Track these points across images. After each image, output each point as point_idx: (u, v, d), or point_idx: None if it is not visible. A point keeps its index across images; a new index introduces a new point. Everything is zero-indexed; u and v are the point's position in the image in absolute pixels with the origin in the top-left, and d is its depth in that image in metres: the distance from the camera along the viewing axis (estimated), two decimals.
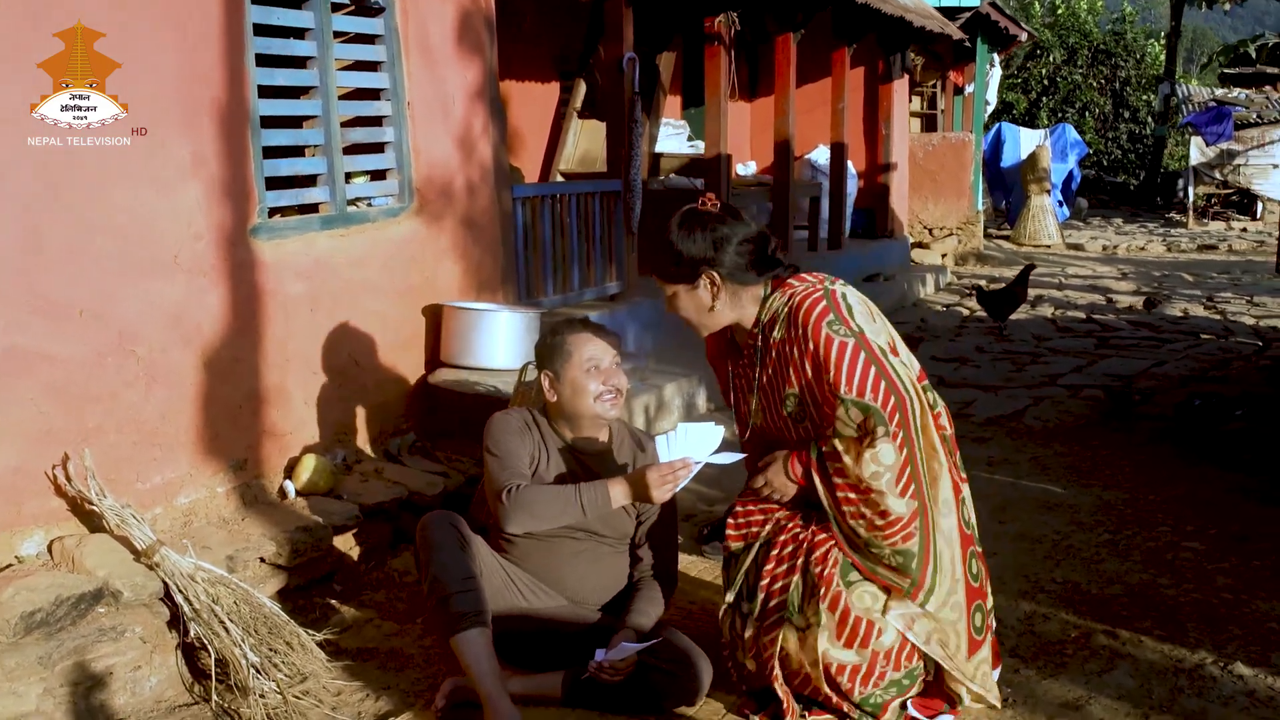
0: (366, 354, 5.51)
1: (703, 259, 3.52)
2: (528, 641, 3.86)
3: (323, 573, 4.69)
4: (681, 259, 3.54)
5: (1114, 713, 3.68)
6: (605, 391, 3.85)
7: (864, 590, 3.45)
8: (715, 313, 3.61)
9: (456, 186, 6.05)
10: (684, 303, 3.62)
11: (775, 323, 3.54)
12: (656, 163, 10.72)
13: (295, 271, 5.09)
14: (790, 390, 3.51)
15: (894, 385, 3.35)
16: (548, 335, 3.97)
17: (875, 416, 3.33)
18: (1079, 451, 6.72)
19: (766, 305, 3.59)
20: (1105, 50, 31.46)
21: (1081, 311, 12.23)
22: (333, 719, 3.73)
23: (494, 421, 3.94)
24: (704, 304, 3.59)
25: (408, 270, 5.75)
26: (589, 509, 3.66)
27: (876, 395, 3.32)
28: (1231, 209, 22.68)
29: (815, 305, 3.43)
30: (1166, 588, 4.67)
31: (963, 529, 3.55)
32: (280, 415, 5.06)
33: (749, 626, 3.63)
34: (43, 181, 4.10)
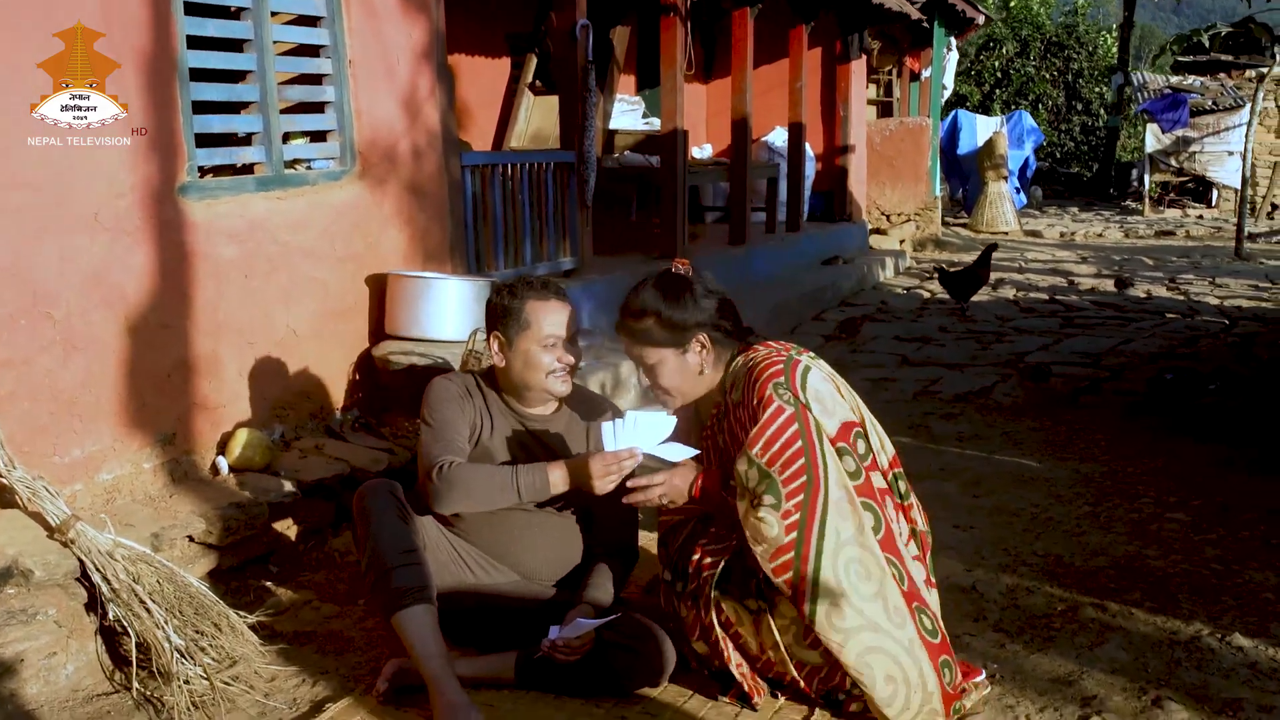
0: (306, 324, 5.19)
1: (695, 323, 3.33)
2: (477, 620, 3.57)
3: (258, 553, 4.38)
4: (673, 323, 3.32)
5: (1109, 687, 3.44)
6: (560, 369, 3.57)
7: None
8: (702, 378, 3.39)
9: (401, 151, 5.74)
10: (670, 369, 3.36)
11: (735, 387, 3.32)
12: (611, 140, 10.43)
13: (228, 234, 4.77)
14: (739, 465, 3.20)
15: (814, 468, 3.08)
16: (504, 294, 3.62)
17: (770, 489, 3.07)
18: (1051, 426, 6.52)
19: (730, 369, 3.38)
20: (1058, 43, 31.45)
21: (1044, 293, 12.05)
22: (265, 706, 3.42)
23: (433, 387, 3.64)
24: (693, 370, 3.37)
25: (350, 237, 5.43)
26: (526, 493, 3.38)
27: (784, 470, 3.07)
28: (1187, 197, 22.63)
29: (770, 367, 3.22)
30: (1153, 559, 4.45)
31: (925, 639, 3.14)
32: (212, 387, 4.74)
33: (683, 606, 3.38)
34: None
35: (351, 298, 5.46)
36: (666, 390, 3.40)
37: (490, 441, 3.62)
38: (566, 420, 3.74)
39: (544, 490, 3.38)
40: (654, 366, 3.37)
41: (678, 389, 3.39)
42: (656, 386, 3.41)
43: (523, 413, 3.67)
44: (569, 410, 3.75)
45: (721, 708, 3.34)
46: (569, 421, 3.74)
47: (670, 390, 3.39)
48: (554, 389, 3.59)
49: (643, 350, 3.37)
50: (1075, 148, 31.58)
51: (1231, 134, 20.70)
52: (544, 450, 3.66)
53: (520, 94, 10.11)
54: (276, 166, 5.09)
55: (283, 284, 5.05)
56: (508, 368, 3.60)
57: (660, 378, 3.38)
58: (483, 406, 3.66)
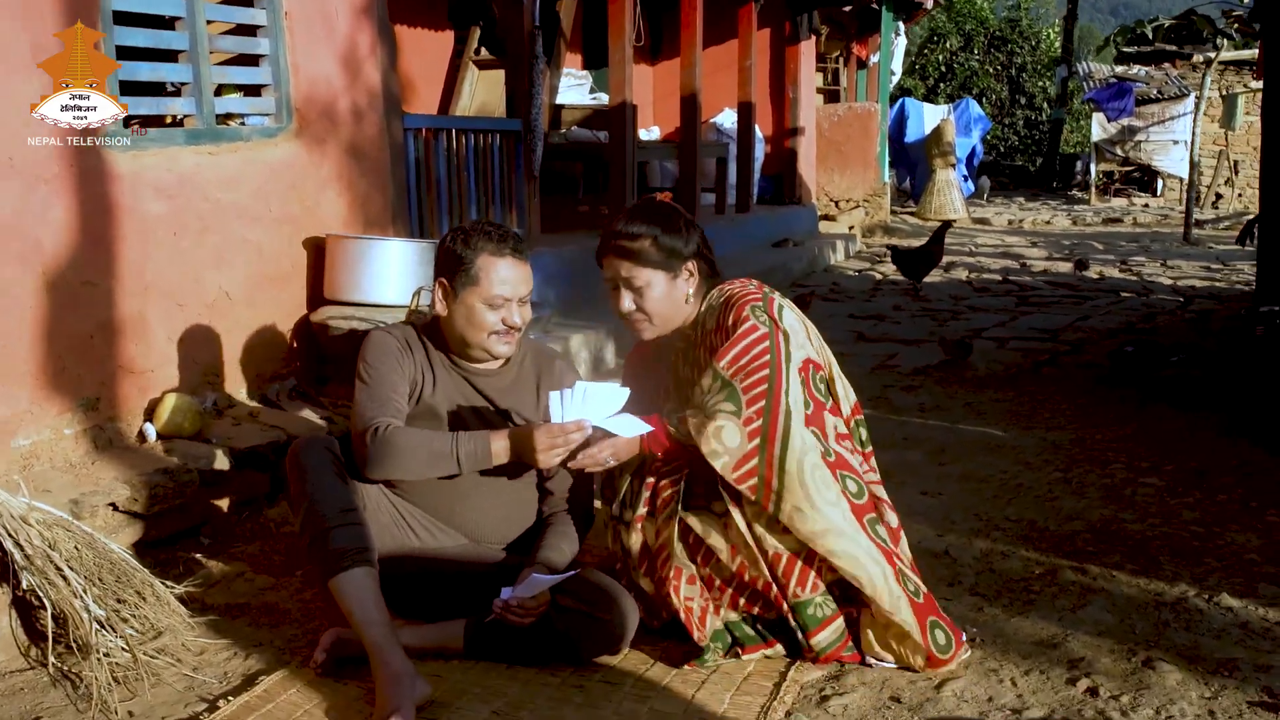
0: (240, 287, 4.92)
1: (688, 251, 3.32)
2: (421, 588, 3.32)
3: (188, 524, 4.12)
4: (668, 248, 3.29)
5: (1095, 649, 3.25)
6: (503, 330, 3.32)
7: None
8: (683, 308, 3.36)
9: (341, 109, 5.48)
10: (658, 292, 3.30)
11: (710, 317, 3.30)
12: (557, 115, 10.16)
13: (156, 188, 4.48)
14: (702, 380, 3.17)
15: (776, 380, 3.05)
16: (457, 240, 3.34)
17: (731, 396, 3.06)
18: (1014, 397, 6.37)
19: (705, 303, 3.36)
20: (1001, 37, 31.64)
21: (997, 275, 11.95)
22: (193, 680, 3.16)
23: (369, 340, 3.39)
24: (680, 297, 3.34)
25: (286, 197, 5.16)
26: (465, 463, 3.16)
27: (747, 379, 3.06)
28: (1133, 186, 22.69)
29: (748, 295, 3.22)
30: (1130, 523, 4.28)
31: (907, 594, 3.09)
32: (139, 350, 4.46)
33: (633, 532, 3.23)
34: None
35: (288, 261, 5.19)
36: (648, 315, 3.33)
37: (433, 398, 3.37)
38: (515, 376, 3.49)
39: (485, 460, 3.16)
40: (643, 289, 3.29)
41: (660, 314, 3.33)
42: (639, 311, 3.33)
43: (467, 368, 3.42)
44: (519, 365, 3.51)
45: (686, 675, 3.12)
46: (518, 377, 3.49)
47: (653, 315, 3.32)
48: (494, 349, 3.34)
49: (634, 271, 3.29)
50: (1019, 141, 31.77)
51: (1176, 123, 20.79)
52: (491, 408, 3.42)
53: (464, 67, 9.83)
54: (208, 120, 4.82)
55: (215, 244, 4.78)
56: (450, 319, 3.35)
57: (646, 300, 3.30)
58: (424, 361, 3.41)
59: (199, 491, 4.14)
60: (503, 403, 3.43)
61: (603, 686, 3.06)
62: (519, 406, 3.44)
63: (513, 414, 3.43)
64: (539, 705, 2.95)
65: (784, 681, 3.08)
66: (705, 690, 3.05)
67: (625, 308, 3.33)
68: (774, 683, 3.08)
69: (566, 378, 3.50)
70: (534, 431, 3.08)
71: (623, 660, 3.20)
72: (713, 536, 3.13)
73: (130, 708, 3.01)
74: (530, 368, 3.52)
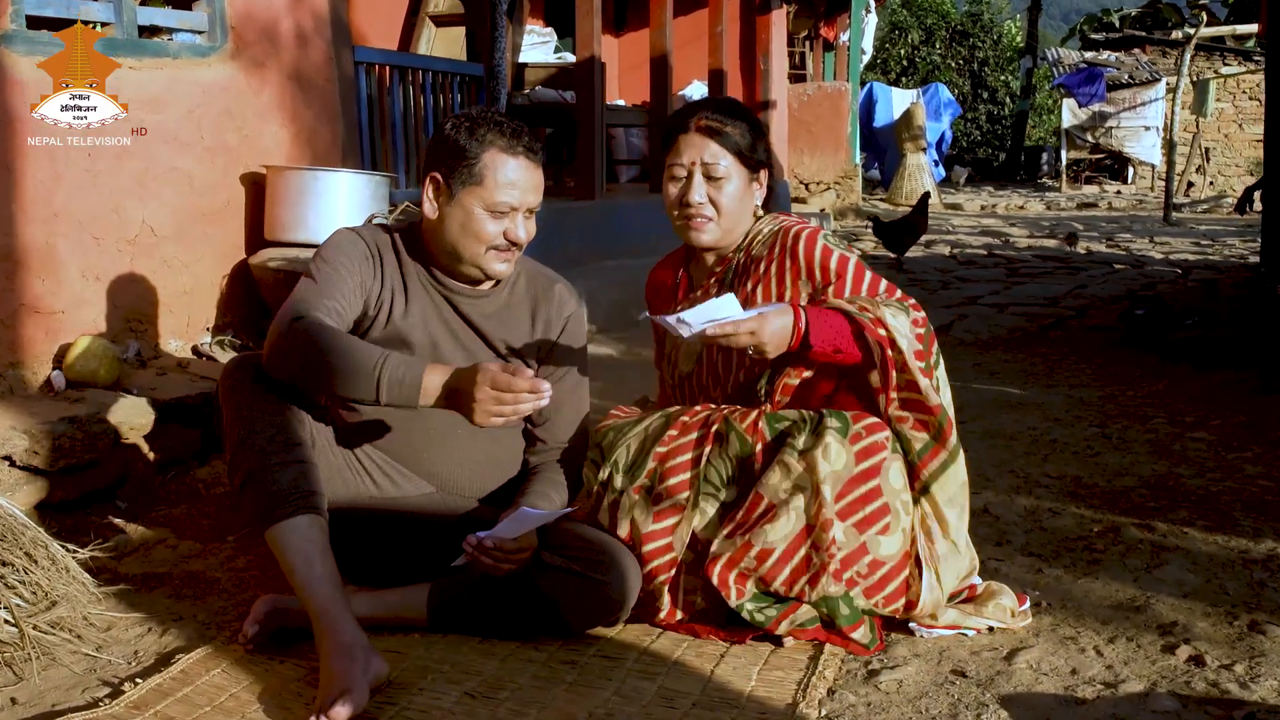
0: (167, 222, 4.31)
1: (765, 158, 2.92)
2: (378, 545, 2.73)
3: (103, 483, 3.51)
4: (754, 145, 2.86)
5: (1188, 613, 2.72)
6: (505, 245, 2.70)
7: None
8: (740, 224, 2.90)
9: (283, 31, 4.87)
10: (734, 188, 2.83)
11: (755, 241, 2.90)
12: (521, 74, 9.55)
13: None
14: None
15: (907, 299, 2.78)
16: (460, 128, 2.69)
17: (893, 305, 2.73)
18: (1025, 359, 5.90)
19: (754, 228, 2.93)
20: (962, 31, 31.35)
21: (981, 250, 11.49)
22: (95, 660, 2.56)
23: (330, 238, 2.78)
24: (749, 206, 2.91)
25: (220, 125, 4.55)
26: (388, 393, 2.42)
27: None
28: (1103, 174, 22.40)
29: (806, 227, 2.85)
30: (1189, 478, 3.78)
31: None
32: (47, 288, 3.85)
33: (624, 512, 2.67)
34: None
35: (224, 195, 4.58)
36: (718, 212, 2.83)
37: (404, 321, 2.75)
38: (506, 300, 2.85)
39: (411, 396, 2.42)
40: (722, 180, 2.82)
41: (729, 214, 2.84)
42: (710, 205, 2.82)
43: (451, 286, 2.78)
44: (510, 287, 2.87)
45: (701, 647, 2.56)
46: (509, 302, 2.85)
47: (722, 213, 2.84)
48: (489, 267, 2.71)
49: (720, 154, 2.81)
50: (981, 135, 31.51)
51: (1148, 109, 20.52)
52: (478, 337, 2.82)
53: (420, 24, 9.19)
54: (129, 30, 4.21)
55: (136, 171, 4.17)
56: (440, 223, 2.71)
57: (722, 194, 2.82)
58: (396, 274, 2.78)
59: (115, 448, 3.53)
60: (491, 331, 2.81)
61: (600, 662, 2.50)
62: (509, 337, 2.82)
63: (501, 346, 2.83)
64: (522, 685, 2.39)
65: (821, 654, 2.52)
66: (726, 665, 2.48)
67: (696, 197, 2.80)
68: (809, 655, 2.53)
69: (568, 305, 2.92)
70: (477, 376, 2.34)
71: (621, 631, 2.64)
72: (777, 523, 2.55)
73: (14, 693, 2.41)
74: (525, 291, 2.89)
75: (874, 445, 2.56)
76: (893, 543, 2.56)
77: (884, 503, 2.54)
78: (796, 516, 2.50)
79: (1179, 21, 24.70)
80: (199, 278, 4.47)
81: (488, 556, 2.49)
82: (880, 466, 2.55)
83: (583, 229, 7.74)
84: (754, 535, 2.53)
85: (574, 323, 2.93)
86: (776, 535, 2.51)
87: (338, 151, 5.20)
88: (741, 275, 2.88)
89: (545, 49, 10.16)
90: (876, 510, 2.53)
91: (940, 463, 2.62)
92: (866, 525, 2.52)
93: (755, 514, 2.55)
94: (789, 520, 2.51)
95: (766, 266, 2.83)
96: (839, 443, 2.52)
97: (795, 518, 2.50)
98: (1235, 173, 22.10)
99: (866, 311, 2.62)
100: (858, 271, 2.76)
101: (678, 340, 2.83)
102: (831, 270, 2.75)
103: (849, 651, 2.55)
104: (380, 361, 2.42)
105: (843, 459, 2.51)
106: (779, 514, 2.52)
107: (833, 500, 2.49)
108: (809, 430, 2.56)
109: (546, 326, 2.86)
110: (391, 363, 2.42)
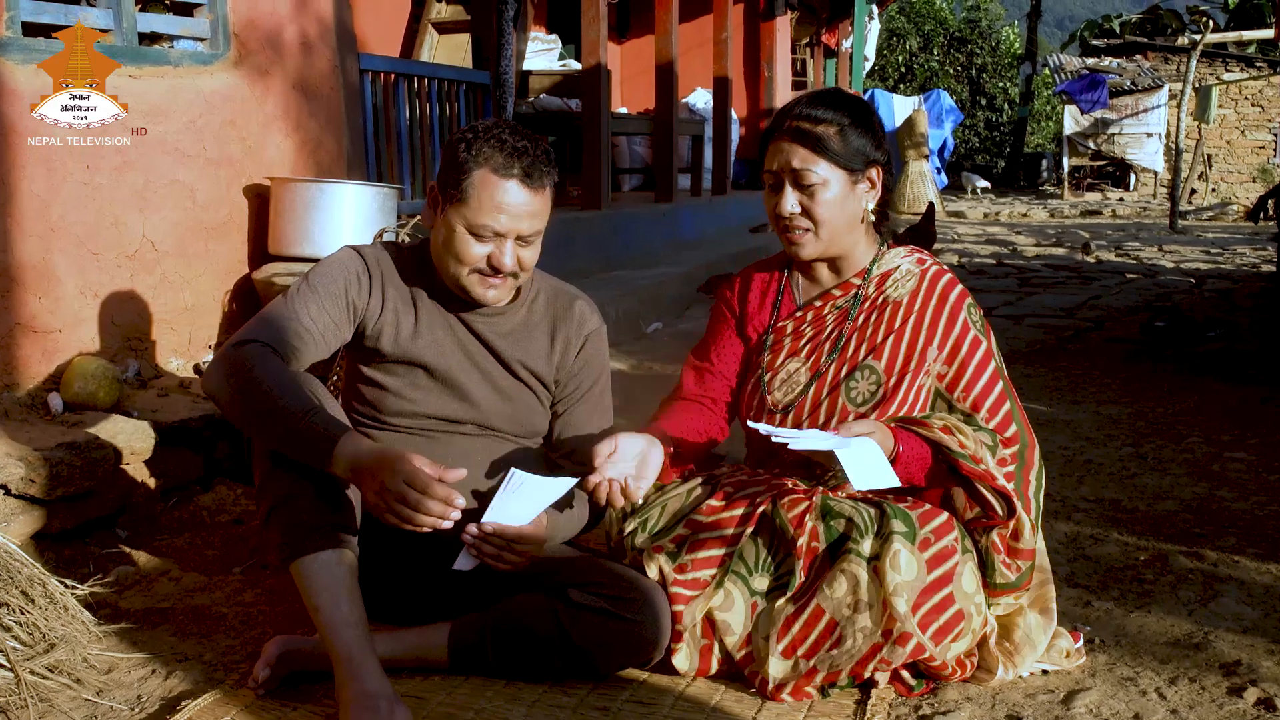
0: (168, 237, 4.15)
1: (875, 157, 2.62)
2: (391, 579, 2.58)
3: (103, 511, 3.35)
4: (855, 143, 2.58)
5: (1250, 650, 2.59)
6: (485, 270, 2.54)
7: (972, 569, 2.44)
8: (853, 232, 2.64)
9: (288, 39, 4.72)
10: (832, 195, 2.56)
11: (890, 278, 2.65)
12: (525, 82, 9.41)
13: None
14: (874, 363, 2.60)
15: (1022, 418, 2.63)
16: (464, 140, 2.52)
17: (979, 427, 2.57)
18: (1048, 373, 5.75)
19: (882, 255, 2.69)
20: (961, 37, 31.23)
21: (989, 259, 11.34)
22: (95, 707, 2.41)
23: (326, 259, 2.64)
24: (856, 210, 2.62)
25: (223, 135, 4.40)
26: (293, 442, 2.29)
27: (1005, 429, 2.58)
28: (1105, 181, 22.28)
29: (955, 282, 2.68)
30: (1232, 502, 3.64)
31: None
32: (44, 306, 3.70)
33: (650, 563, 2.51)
34: None
35: (226, 210, 4.43)
36: (815, 222, 2.58)
37: (415, 343, 2.60)
38: (524, 318, 2.71)
39: (321, 462, 2.28)
40: (815, 187, 2.55)
41: (830, 223, 2.58)
42: (804, 216, 2.58)
43: (462, 304, 2.63)
44: (528, 304, 2.72)
45: (742, 695, 2.41)
46: (527, 320, 2.71)
47: (820, 223, 2.58)
48: (473, 291, 2.55)
49: (809, 161, 2.54)
50: (980, 142, 31.40)
51: (1150, 115, 20.41)
52: (495, 360, 2.67)
53: (423, 31, 9.07)
54: (128, 36, 4.06)
55: (136, 184, 4.02)
56: (433, 234, 2.60)
57: (816, 203, 2.56)
58: (402, 294, 2.63)
59: (115, 473, 3.38)
60: (507, 351, 2.66)
61: (633, 708, 2.36)
62: (525, 357, 2.68)
63: (518, 368, 2.69)
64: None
65: (869, 699, 2.37)
66: (769, 711, 2.34)
67: (787, 209, 2.58)
68: (855, 699, 2.38)
69: (589, 323, 2.76)
70: (396, 464, 2.21)
71: (651, 675, 2.49)
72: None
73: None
74: (544, 310, 2.74)
75: (944, 551, 2.36)
76: (962, 645, 2.40)
77: (958, 609, 2.35)
78: (864, 638, 2.31)
79: (1179, 27, 24.57)
80: (201, 294, 4.32)
81: (488, 549, 2.39)
82: (952, 574, 2.35)
83: (589, 240, 7.61)
84: (819, 661, 2.34)
85: (595, 341, 2.79)
86: (844, 659, 2.33)
87: (343, 162, 5.05)
88: (870, 315, 2.65)
89: (549, 56, 10.05)
90: (951, 618, 2.34)
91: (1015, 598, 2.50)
92: (941, 635, 2.34)
93: (815, 631, 2.35)
94: (854, 642, 2.32)
95: (905, 319, 2.62)
96: (909, 550, 2.31)
97: (862, 639, 2.31)
98: (1238, 179, 22.00)
99: (968, 452, 2.47)
100: (981, 363, 2.59)
101: (775, 371, 2.69)
102: (960, 353, 2.59)
103: (896, 693, 2.41)
104: (309, 410, 2.28)
105: (914, 569, 2.30)
106: (844, 635, 2.32)
107: (908, 613, 2.28)
108: (872, 533, 2.35)
109: (566, 346, 2.71)
110: (316, 416, 2.28)
